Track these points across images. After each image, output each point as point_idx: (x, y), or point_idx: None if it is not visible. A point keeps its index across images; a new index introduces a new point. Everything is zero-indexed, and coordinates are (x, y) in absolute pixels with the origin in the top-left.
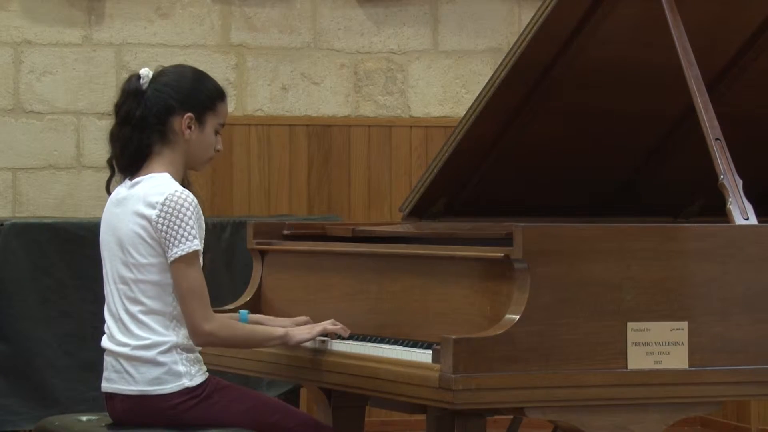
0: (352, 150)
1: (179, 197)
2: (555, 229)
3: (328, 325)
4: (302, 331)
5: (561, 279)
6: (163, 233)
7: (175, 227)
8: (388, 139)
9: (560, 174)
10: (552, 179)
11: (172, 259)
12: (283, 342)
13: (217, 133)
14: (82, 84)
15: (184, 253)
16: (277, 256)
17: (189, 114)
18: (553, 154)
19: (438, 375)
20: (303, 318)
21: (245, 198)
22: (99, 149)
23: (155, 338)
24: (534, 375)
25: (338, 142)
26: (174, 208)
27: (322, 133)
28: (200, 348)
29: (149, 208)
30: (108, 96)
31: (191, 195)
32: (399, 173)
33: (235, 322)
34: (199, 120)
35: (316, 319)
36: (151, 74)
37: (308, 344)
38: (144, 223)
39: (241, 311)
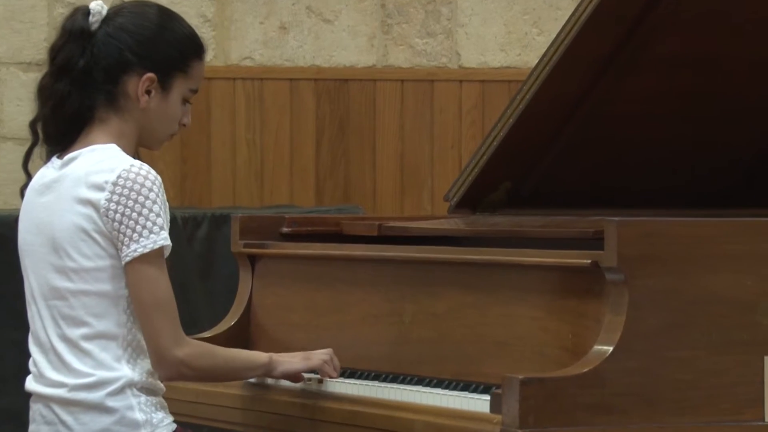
0: (378, 114)
1: (138, 174)
2: (663, 225)
3: (324, 355)
4: (292, 359)
5: (671, 295)
6: (116, 224)
7: (134, 215)
8: (428, 98)
9: (664, 151)
10: (653, 157)
11: (129, 258)
12: (267, 372)
13: (185, 101)
14: (0, 22)
15: (147, 250)
16: (272, 264)
17: (149, 74)
18: (655, 124)
19: (499, 430)
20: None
21: (228, 182)
22: (23, 114)
23: (103, 374)
24: (635, 429)
25: (359, 104)
26: (132, 189)
27: (336, 91)
28: (164, 390)
29: (95, 190)
30: (37, 39)
31: (153, 170)
32: (444, 147)
33: (211, 345)
34: (163, 83)
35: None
36: (105, 10)
37: (312, 382)
38: (88, 211)
39: None
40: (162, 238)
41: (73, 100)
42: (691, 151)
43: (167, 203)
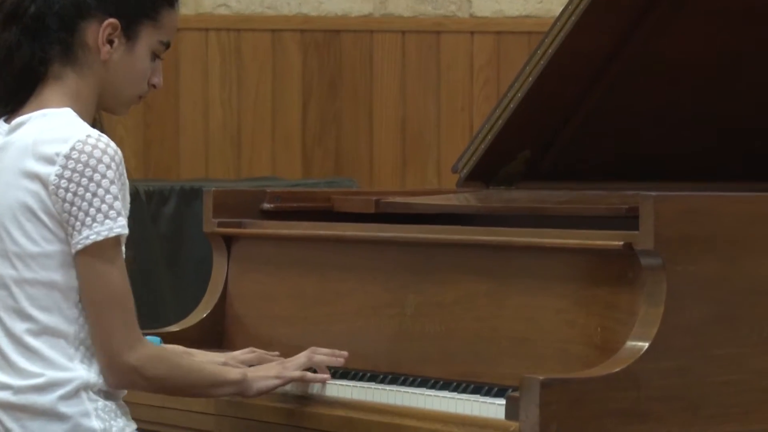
0: (375, 71)
1: (95, 147)
2: (709, 201)
3: (302, 359)
4: (267, 373)
5: (717, 284)
6: (67, 204)
7: (88, 195)
8: (435, 53)
9: (707, 115)
10: (694, 123)
11: (80, 246)
12: (240, 390)
13: (155, 57)
14: None
15: (101, 238)
16: (252, 246)
17: (111, 20)
18: (696, 84)
19: None
20: (248, 352)
21: (199, 150)
22: None
23: (53, 374)
24: None
25: (353, 59)
26: (87, 164)
27: (326, 44)
28: (124, 393)
29: (44, 163)
30: None
31: (113, 143)
32: (452, 110)
33: (172, 352)
34: (128, 32)
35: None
36: None
37: (301, 386)
38: (35, 187)
39: (148, 338)
40: (119, 226)
41: (23, 53)
42: (739, 117)
43: (127, 182)
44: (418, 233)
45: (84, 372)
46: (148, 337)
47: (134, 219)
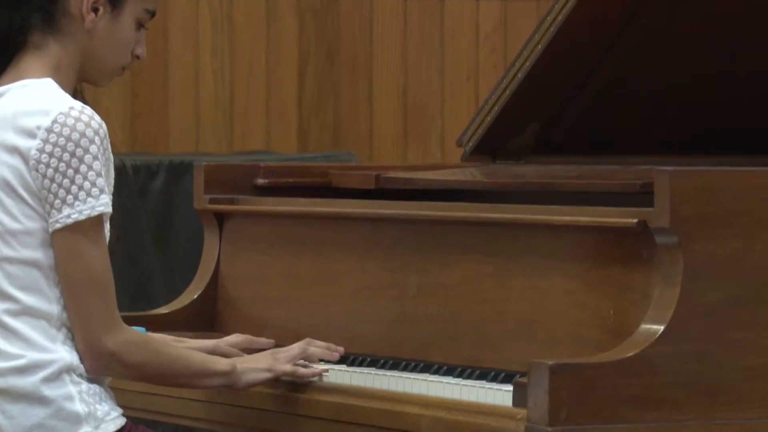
0: (375, 39)
1: (78, 120)
2: (728, 176)
3: (296, 351)
4: (258, 365)
5: (737, 263)
6: (47, 181)
7: (70, 172)
8: (438, 19)
9: (729, 86)
10: (715, 94)
11: (60, 225)
12: (229, 383)
13: (140, 26)
14: None
15: (82, 217)
16: (245, 224)
17: None
18: (718, 52)
19: (523, 428)
20: (236, 338)
21: (190, 123)
22: None
23: (35, 356)
24: (691, 426)
25: (352, 26)
26: (69, 138)
27: (323, 10)
28: (109, 377)
29: (24, 136)
30: None
31: (97, 116)
32: (457, 79)
33: (154, 339)
34: (113, 0)
35: (307, 334)
36: None
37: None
38: (15, 162)
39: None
40: (102, 204)
41: (1, 20)
42: (760, 87)
43: (112, 157)
44: (420, 210)
45: (66, 354)
46: (134, 327)
47: (120, 195)
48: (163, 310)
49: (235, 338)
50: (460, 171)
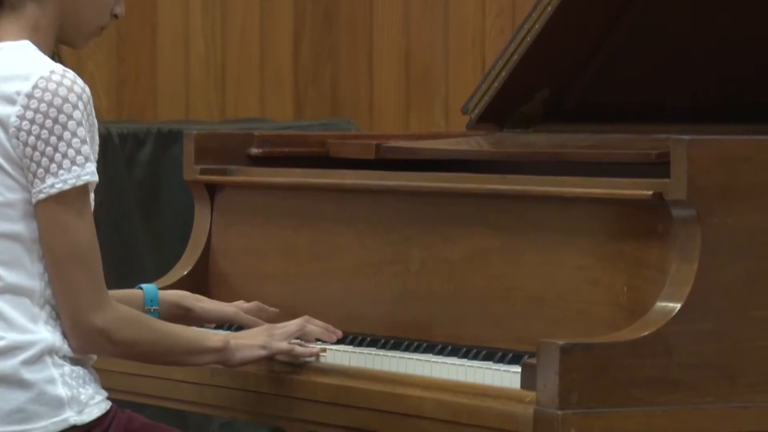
0: (375, 1)
1: (60, 84)
2: (750, 146)
3: (293, 328)
4: (252, 341)
5: (758, 237)
6: (29, 149)
7: (53, 139)
8: None
9: (753, 47)
10: (738, 56)
11: (43, 195)
12: (221, 360)
13: None
14: None
15: (67, 186)
16: (238, 196)
17: None
18: (743, 8)
19: (532, 412)
20: (252, 305)
21: (179, 89)
22: None
23: (15, 337)
24: (709, 410)
25: None
26: (51, 104)
27: None
28: (94, 358)
29: (4, 103)
30: None
31: (79, 79)
32: (462, 44)
33: (144, 316)
34: None
35: (304, 312)
36: None
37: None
38: None
39: (144, 286)
40: (87, 173)
41: None
42: None
43: (96, 123)
44: (423, 181)
45: (48, 335)
46: (144, 287)
47: (106, 165)
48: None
49: (246, 305)
50: (465, 140)
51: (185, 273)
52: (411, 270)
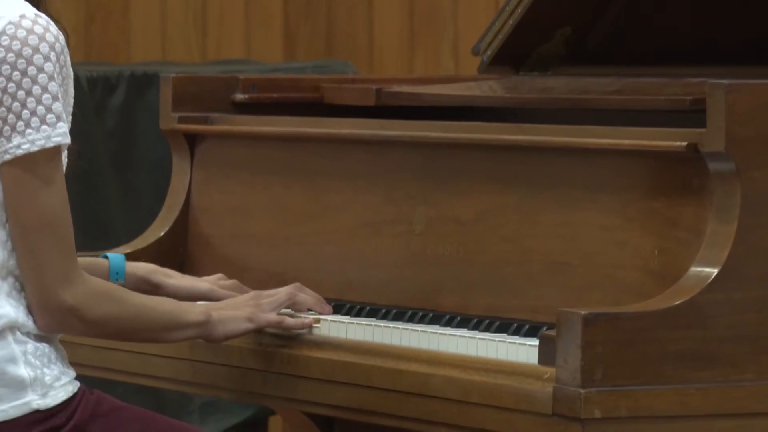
0: None
1: (30, 31)
2: None
3: (287, 296)
4: (237, 313)
5: None
6: None
7: (21, 93)
8: None
9: None
10: None
11: (9, 156)
12: (203, 334)
13: None
14: None
15: (35, 148)
16: (221, 148)
17: None
18: None
19: (551, 390)
20: (230, 283)
21: (155, 27)
22: None
23: None
24: (748, 387)
25: None
26: (20, 54)
27: None
28: (60, 333)
29: None
30: None
31: (53, 25)
32: None
33: (118, 289)
34: None
35: (295, 279)
36: None
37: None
38: None
39: (110, 256)
40: (58, 134)
41: None
42: None
43: (72, 74)
44: (429, 131)
45: (11, 309)
46: (109, 256)
47: (74, 112)
48: (124, 249)
49: (224, 281)
50: (476, 84)
51: (161, 234)
52: (415, 231)
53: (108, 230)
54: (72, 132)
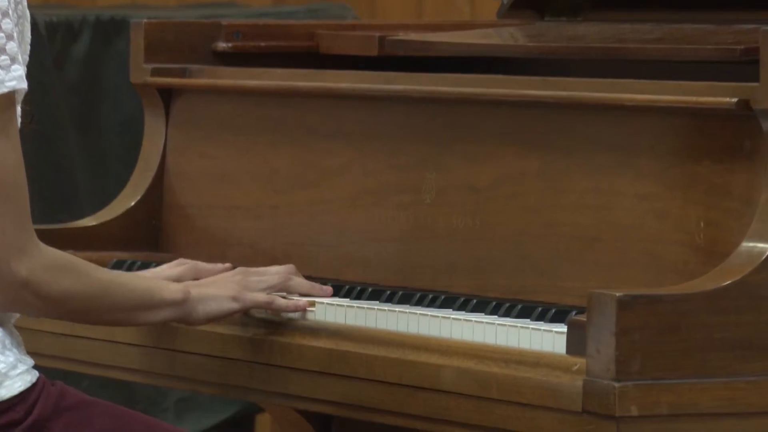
0: None
1: None
2: None
3: (279, 278)
4: (220, 291)
5: None
6: None
7: None
8: None
9: None
10: None
11: None
12: (181, 315)
13: None
14: None
15: None
16: (201, 104)
17: None
18: None
19: (581, 384)
20: (178, 267)
21: None
22: None
23: None
24: None
25: None
26: None
27: None
28: (15, 317)
29: None
30: None
31: None
32: None
33: (81, 262)
34: None
35: (285, 255)
36: None
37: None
38: None
39: None
40: (13, 77)
41: None
42: None
43: (28, 14)
44: (440, 86)
45: None
46: None
47: (31, 63)
48: (89, 221)
49: (177, 269)
50: (495, 31)
51: (132, 204)
52: (424, 201)
53: (70, 199)
54: (28, 86)
